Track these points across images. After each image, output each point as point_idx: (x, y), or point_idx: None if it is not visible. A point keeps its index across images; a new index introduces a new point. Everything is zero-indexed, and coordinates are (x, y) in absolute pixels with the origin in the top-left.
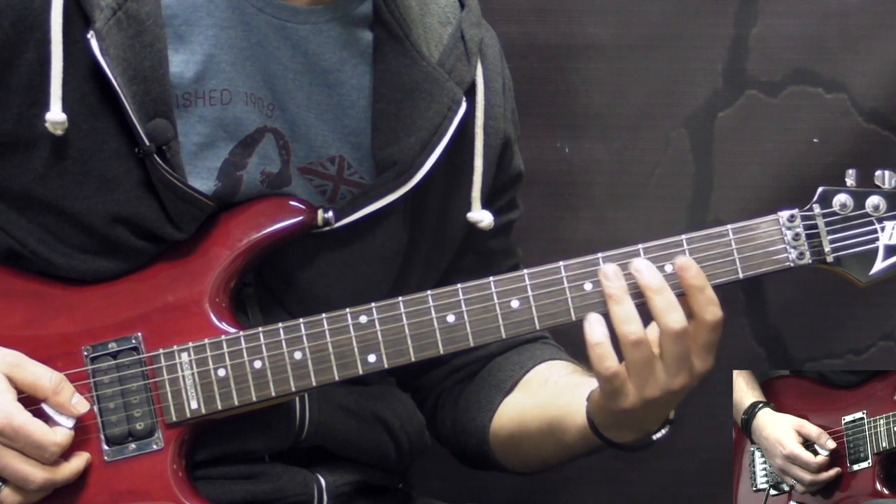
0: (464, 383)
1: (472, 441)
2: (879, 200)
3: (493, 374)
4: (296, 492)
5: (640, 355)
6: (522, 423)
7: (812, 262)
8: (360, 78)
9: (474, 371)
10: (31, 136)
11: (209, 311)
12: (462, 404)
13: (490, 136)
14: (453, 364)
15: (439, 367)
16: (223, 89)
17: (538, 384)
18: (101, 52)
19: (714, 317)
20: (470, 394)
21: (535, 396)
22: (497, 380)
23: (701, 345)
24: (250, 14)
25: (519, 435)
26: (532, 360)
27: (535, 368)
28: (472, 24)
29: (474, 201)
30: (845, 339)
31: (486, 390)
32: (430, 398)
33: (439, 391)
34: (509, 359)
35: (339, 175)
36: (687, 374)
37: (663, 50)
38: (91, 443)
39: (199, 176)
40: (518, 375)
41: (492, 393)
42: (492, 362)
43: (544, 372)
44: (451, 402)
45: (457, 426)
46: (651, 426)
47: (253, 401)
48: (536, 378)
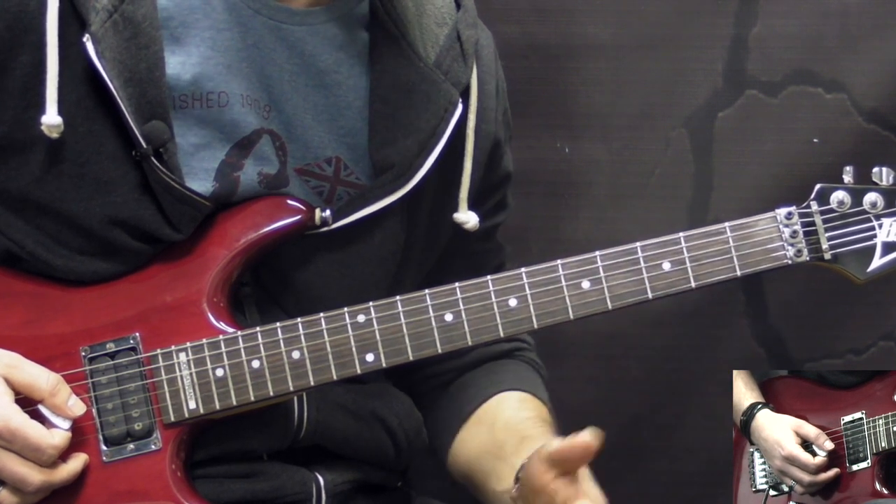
0: (437, 391)
1: (439, 451)
2: (877, 197)
3: (459, 395)
4: (294, 490)
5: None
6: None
7: (810, 259)
8: (356, 79)
9: (448, 381)
10: (27, 138)
11: (207, 311)
12: (434, 416)
13: (480, 138)
14: (425, 373)
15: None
16: (220, 91)
17: (486, 426)
18: (97, 54)
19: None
20: (440, 409)
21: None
22: (460, 403)
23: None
24: (246, 16)
25: (467, 475)
26: (493, 387)
27: (489, 402)
28: (468, 24)
29: (461, 202)
30: (845, 339)
31: (449, 412)
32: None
33: (424, 390)
34: (475, 380)
35: (335, 176)
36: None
37: (663, 50)
38: (89, 443)
39: (197, 177)
40: (476, 403)
41: (452, 418)
42: (462, 377)
43: (493, 410)
44: (427, 409)
45: (430, 432)
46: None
47: (251, 400)
48: (486, 416)
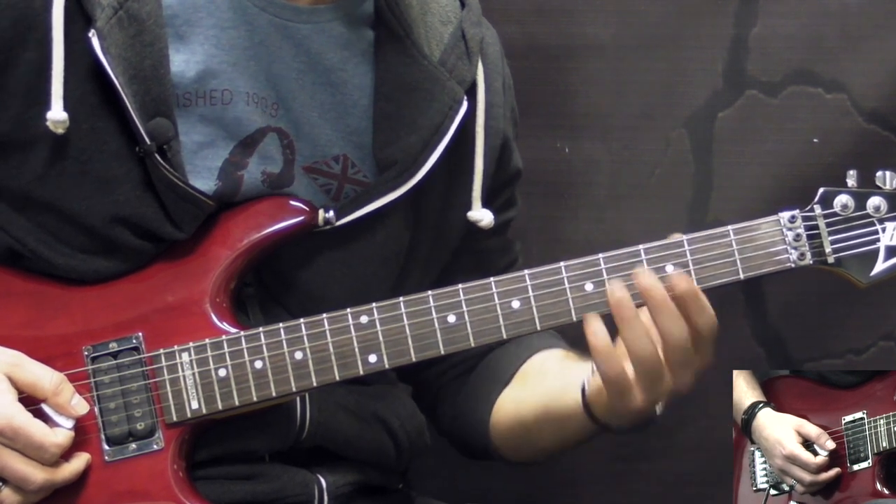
0: (463, 378)
1: (474, 434)
2: (880, 201)
3: (492, 368)
4: (296, 492)
5: (649, 368)
6: (520, 415)
7: (813, 262)
8: (361, 77)
9: (473, 365)
10: (31, 136)
11: (210, 310)
12: (462, 398)
13: (490, 135)
14: (451, 360)
15: (439, 363)
16: (224, 89)
17: (534, 375)
18: (103, 51)
19: (708, 323)
20: (470, 388)
21: (531, 388)
22: (495, 373)
23: (700, 348)
24: (252, 14)
25: (518, 427)
26: (528, 351)
27: (531, 359)
28: (472, 23)
29: (475, 200)
30: (845, 339)
31: (484, 384)
32: (430, 393)
33: (438, 385)
34: (507, 350)
35: (343, 174)
36: (690, 375)
37: (663, 50)
38: (91, 443)
39: (200, 175)
40: (515, 367)
41: (490, 386)
42: (490, 355)
43: (539, 362)
44: (452, 397)
45: (458, 420)
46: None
47: (254, 401)
48: (532, 369)
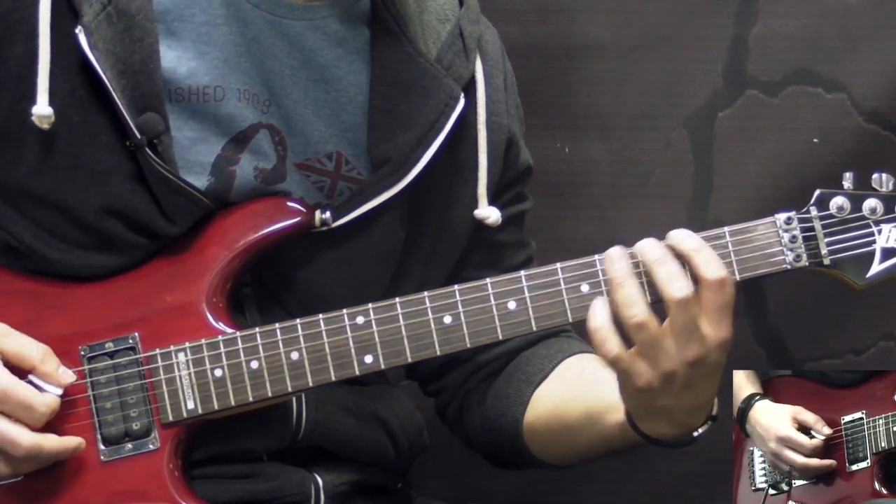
0: (489, 381)
1: (504, 438)
2: (876, 203)
3: (521, 369)
4: (293, 491)
5: (644, 336)
6: (559, 412)
7: (809, 264)
8: (356, 75)
9: (498, 368)
10: (22, 130)
11: (206, 311)
12: (490, 402)
13: (493, 131)
14: (476, 361)
15: (462, 365)
16: (216, 86)
17: (573, 375)
18: (90, 46)
19: (716, 274)
20: (497, 390)
21: (571, 387)
22: (526, 374)
23: (710, 309)
24: (245, 10)
25: (556, 424)
26: (561, 353)
27: (566, 361)
28: (470, 20)
29: (480, 198)
30: (845, 339)
31: (514, 385)
32: (455, 399)
33: (464, 391)
34: (536, 353)
35: (336, 171)
36: (698, 344)
37: (663, 50)
38: (87, 442)
39: (192, 171)
40: (548, 368)
41: (521, 387)
42: (518, 357)
43: (577, 364)
44: (478, 401)
45: (486, 424)
46: (688, 419)
47: (250, 401)
48: (570, 369)
